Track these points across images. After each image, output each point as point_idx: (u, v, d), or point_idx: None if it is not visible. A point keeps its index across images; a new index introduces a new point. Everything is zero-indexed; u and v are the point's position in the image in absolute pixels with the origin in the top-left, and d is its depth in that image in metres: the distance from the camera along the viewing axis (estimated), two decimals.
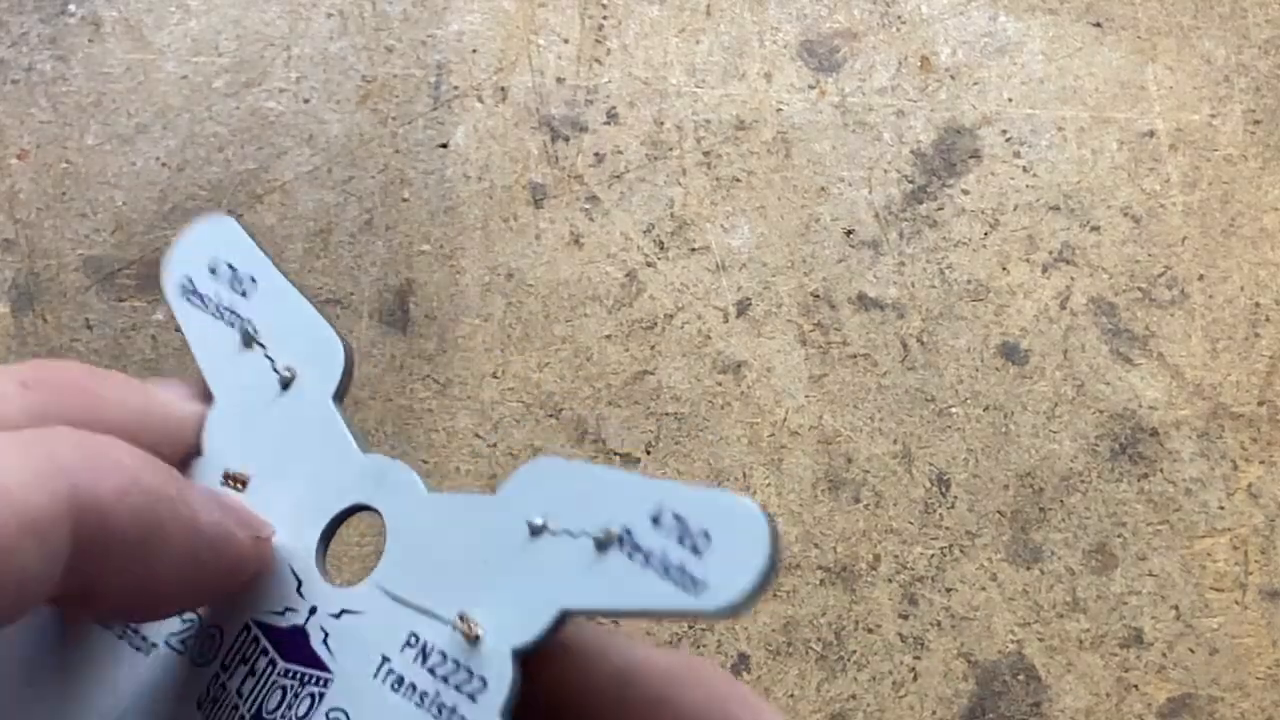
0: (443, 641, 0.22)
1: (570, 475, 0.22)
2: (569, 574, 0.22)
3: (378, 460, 0.23)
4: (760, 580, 0.21)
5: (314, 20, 0.61)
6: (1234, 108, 0.61)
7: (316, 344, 0.24)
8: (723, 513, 0.21)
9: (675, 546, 0.21)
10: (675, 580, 0.21)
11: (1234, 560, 0.56)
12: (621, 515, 0.22)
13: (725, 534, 0.21)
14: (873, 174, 0.60)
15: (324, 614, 0.23)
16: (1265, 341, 0.58)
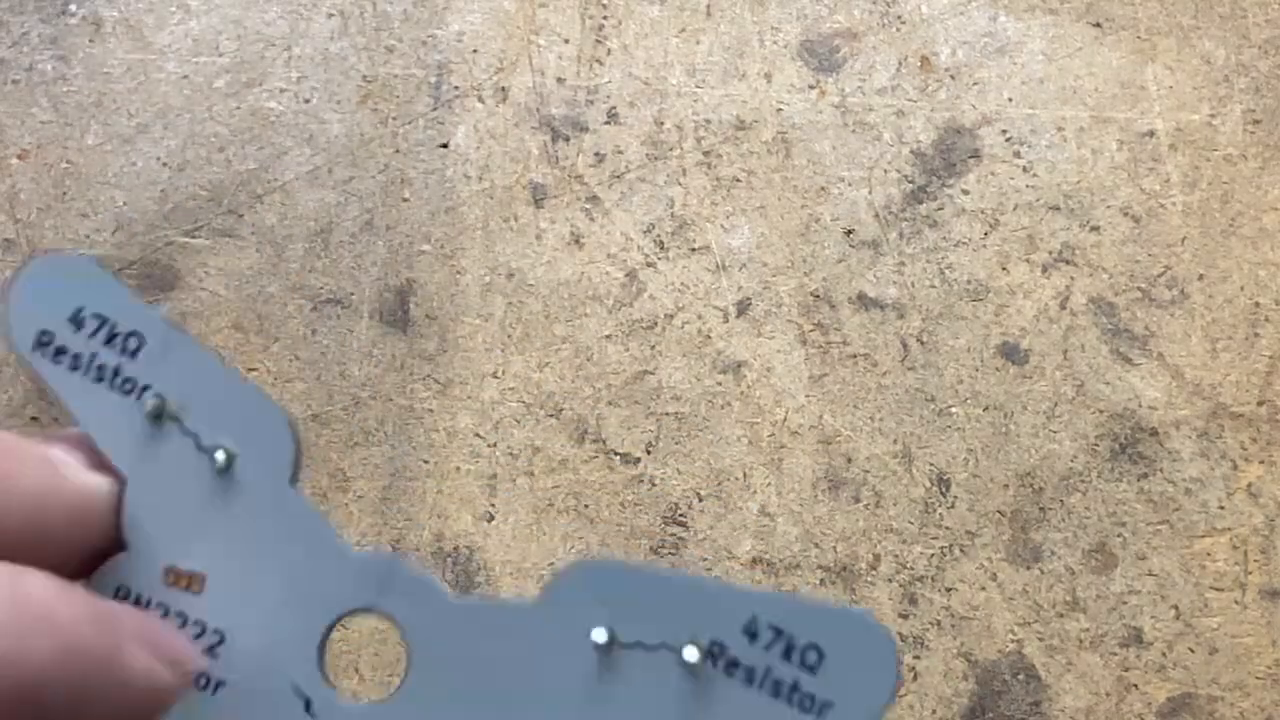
0: None
1: (628, 581, 0.20)
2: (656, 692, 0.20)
3: (378, 558, 0.21)
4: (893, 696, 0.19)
5: (314, 20, 0.61)
6: (1234, 107, 0.61)
7: (252, 418, 0.21)
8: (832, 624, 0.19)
9: (782, 664, 0.19)
10: (790, 700, 0.19)
11: (1234, 560, 0.56)
12: (705, 624, 0.20)
13: (841, 648, 0.19)
14: (873, 174, 0.60)
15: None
16: (1265, 341, 0.58)
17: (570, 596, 0.20)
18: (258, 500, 0.21)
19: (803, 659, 0.19)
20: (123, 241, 0.58)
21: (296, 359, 0.57)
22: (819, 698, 0.19)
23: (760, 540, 0.55)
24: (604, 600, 0.20)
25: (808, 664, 0.19)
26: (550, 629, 0.20)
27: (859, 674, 0.19)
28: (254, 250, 0.58)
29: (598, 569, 0.20)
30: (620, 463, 0.56)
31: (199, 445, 0.21)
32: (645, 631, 0.20)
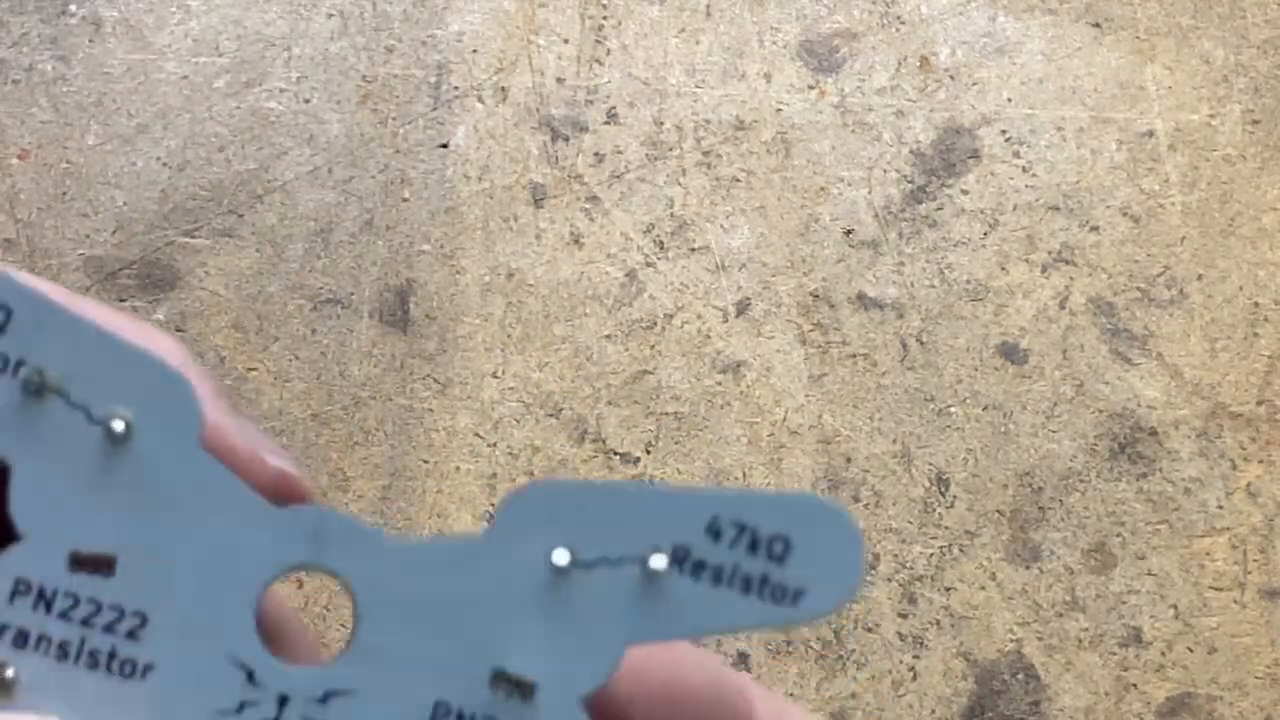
0: (484, 705, 0.19)
1: (581, 499, 0.20)
2: (625, 607, 0.19)
3: (304, 512, 0.20)
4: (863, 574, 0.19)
5: (314, 20, 0.61)
6: (1233, 108, 0.61)
7: (147, 381, 0.19)
8: (794, 513, 0.19)
9: (749, 559, 0.19)
10: (761, 594, 0.19)
11: (1233, 559, 0.56)
12: (665, 534, 0.19)
13: (806, 535, 0.19)
14: (872, 174, 0.60)
15: (302, 701, 0.19)
16: (1264, 341, 0.58)
17: (521, 522, 0.20)
18: (164, 467, 0.19)
19: (769, 551, 0.19)
20: (123, 241, 0.58)
21: (296, 359, 0.57)
22: (790, 587, 0.19)
23: None
24: (557, 521, 0.19)
25: (775, 555, 0.19)
26: (504, 558, 0.19)
27: (827, 559, 0.19)
28: (254, 250, 0.58)
29: (545, 490, 0.20)
30: (620, 462, 0.56)
31: (90, 417, 0.19)
32: (606, 547, 0.19)
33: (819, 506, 0.19)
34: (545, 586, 0.19)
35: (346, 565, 0.19)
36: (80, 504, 0.19)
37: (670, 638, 0.20)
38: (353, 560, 0.19)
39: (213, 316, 0.57)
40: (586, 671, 0.19)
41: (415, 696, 0.19)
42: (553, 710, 0.19)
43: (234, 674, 0.19)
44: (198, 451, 0.19)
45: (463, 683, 0.19)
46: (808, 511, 0.19)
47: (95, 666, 0.19)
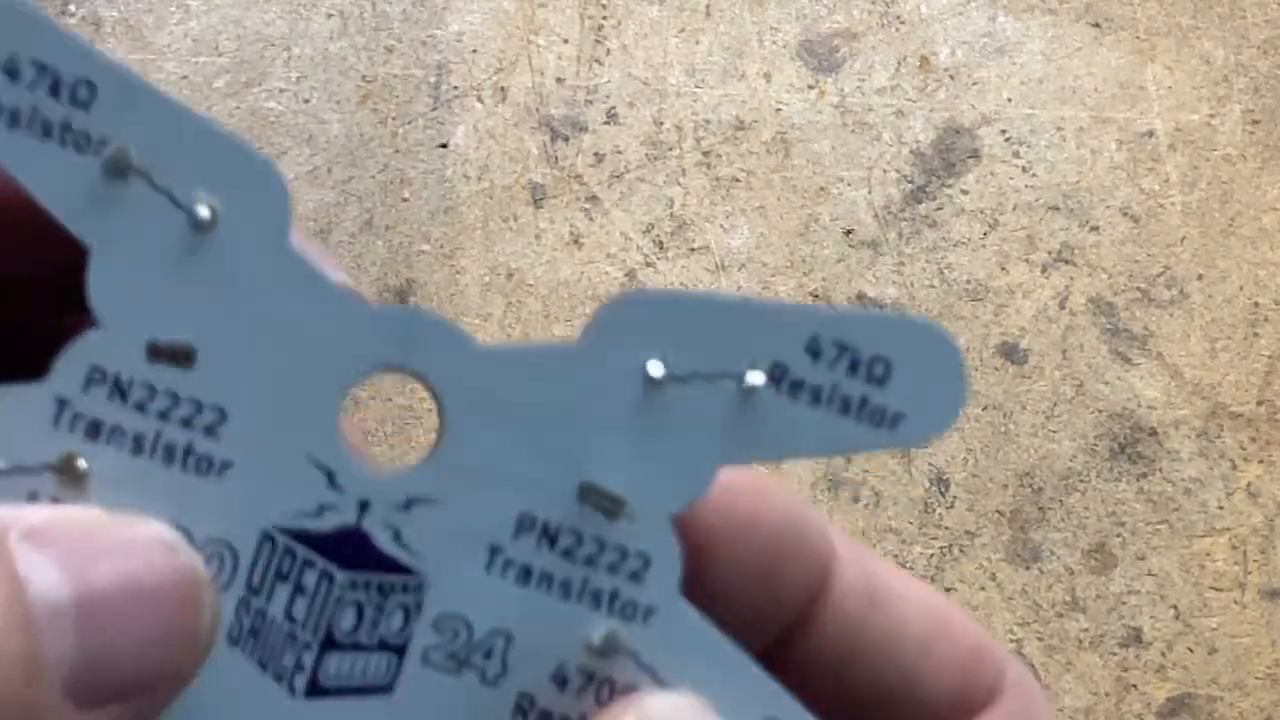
0: (570, 519, 0.18)
1: (678, 309, 0.19)
2: (719, 424, 0.18)
3: (394, 311, 0.18)
4: (965, 403, 0.18)
5: (314, 20, 0.61)
6: (1233, 108, 0.61)
7: (235, 168, 0.18)
8: (898, 334, 0.19)
9: (848, 380, 0.19)
10: (860, 417, 0.19)
11: (1233, 560, 0.56)
12: (764, 351, 0.18)
13: (909, 358, 0.18)
14: (872, 174, 0.60)
15: (383, 507, 0.18)
16: (1264, 341, 0.58)
17: (616, 331, 0.19)
18: (249, 259, 0.18)
19: (870, 373, 0.19)
20: None
21: None
22: (890, 410, 0.19)
23: None
24: (653, 332, 0.19)
25: (875, 377, 0.19)
26: (597, 367, 0.19)
27: (929, 384, 0.19)
28: None
29: (642, 300, 0.19)
30: None
31: (175, 202, 0.18)
32: (701, 361, 0.19)
33: (924, 329, 0.19)
34: (638, 399, 0.19)
35: (435, 368, 0.18)
36: (161, 292, 0.18)
37: (765, 459, 0.19)
38: (441, 363, 0.18)
39: None
40: (677, 490, 0.19)
41: (499, 507, 0.18)
42: (641, 528, 0.19)
43: (314, 475, 0.18)
44: (285, 244, 0.18)
45: (549, 495, 0.19)
46: (911, 334, 0.19)
47: (170, 462, 0.18)
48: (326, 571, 0.18)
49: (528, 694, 0.19)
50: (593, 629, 0.19)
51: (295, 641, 0.18)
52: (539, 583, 0.19)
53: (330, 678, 0.18)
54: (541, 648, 0.19)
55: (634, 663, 0.19)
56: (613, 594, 0.19)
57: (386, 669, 0.18)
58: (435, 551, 0.18)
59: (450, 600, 0.18)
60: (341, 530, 0.18)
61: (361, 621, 0.18)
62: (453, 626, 0.19)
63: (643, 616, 0.19)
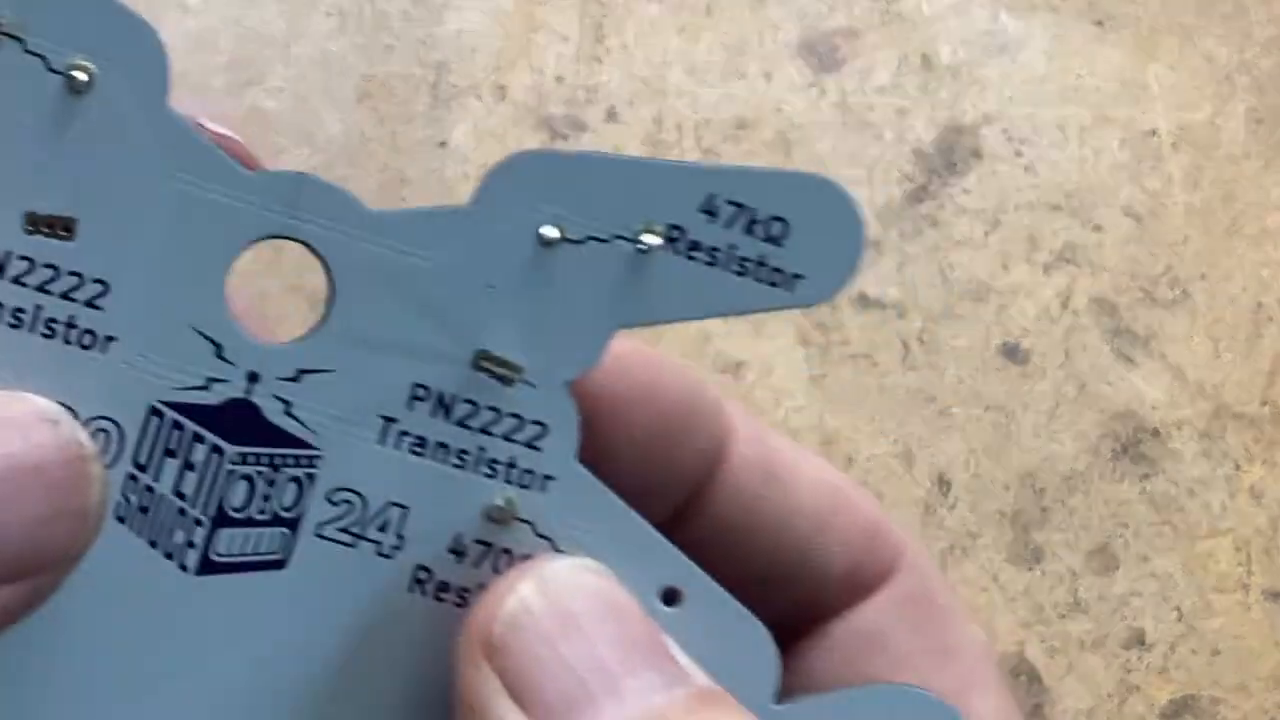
0: (465, 387, 0.18)
1: (571, 170, 0.18)
2: (615, 286, 0.18)
3: (279, 177, 0.18)
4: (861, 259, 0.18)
5: (313, 19, 0.61)
6: (1236, 107, 0.61)
7: (112, 30, 0.17)
8: (795, 192, 0.18)
9: (745, 240, 0.18)
10: (758, 276, 0.18)
11: (1236, 561, 0.56)
12: (659, 211, 0.18)
13: (807, 217, 0.18)
14: (873, 173, 0.59)
15: (272, 379, 0.18)
16: (1268, 341, 0.58)
17: (508, 193, 0.19)
18: (129, 124, 0.17)
19: (767, 232, 0.18)
20: None
21: None
22: (788, 270, 0.18)
23: None
24: (546, 194, 0.18)
25: (772, 236, 0.18)
26: (489, 230, 0.18)
27: (826, 242, 0.18)
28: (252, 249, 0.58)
29: (535, 160, 0.19)
30: None
31: (48, 66, 0.17)
32: (595, 222, 0.18)
33: (821, 185, 0.19)
34: (532, 262, 0.18)
35: (323, 234, 0.18)
36: (36, 159, 0.17)
37: (662, 320, 0.19)
38: (330, 229, 0.18)
39: None
40: (573, 355, 0.19)
41: (393, 377, 0.18)
42: (537, 394, 0.18)
43: (201, 347, 0.18)
44: (166, 109, 0.17)
45: (443, 363, 0.18)
46: (809, 191, 0.18)
47: (52, 335, 0.17)
48: (216, 446, 0.18)
49: (425, 566, 0.18)
50: (490, 498, 0.18)
51: (186, 518, 0.18)
52: (434, 453, 0.18)
53: (223, 554, 0.18)
54: (438, 519, 0.18)
55: (531, 531, 0.18)
56: (509, 462, 0.18)
57: (280, 544, 0.18)
58: (327, 423, 0.18)
59: (343, 473, 0.18)
60: (230, 403, 0.18)
61: (253, 496, 0.18)
62: (347, 499, 0.18)
63: (540, 484, 0.18)
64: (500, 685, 0.17)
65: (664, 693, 0.17)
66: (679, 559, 0.19)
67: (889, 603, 0.23)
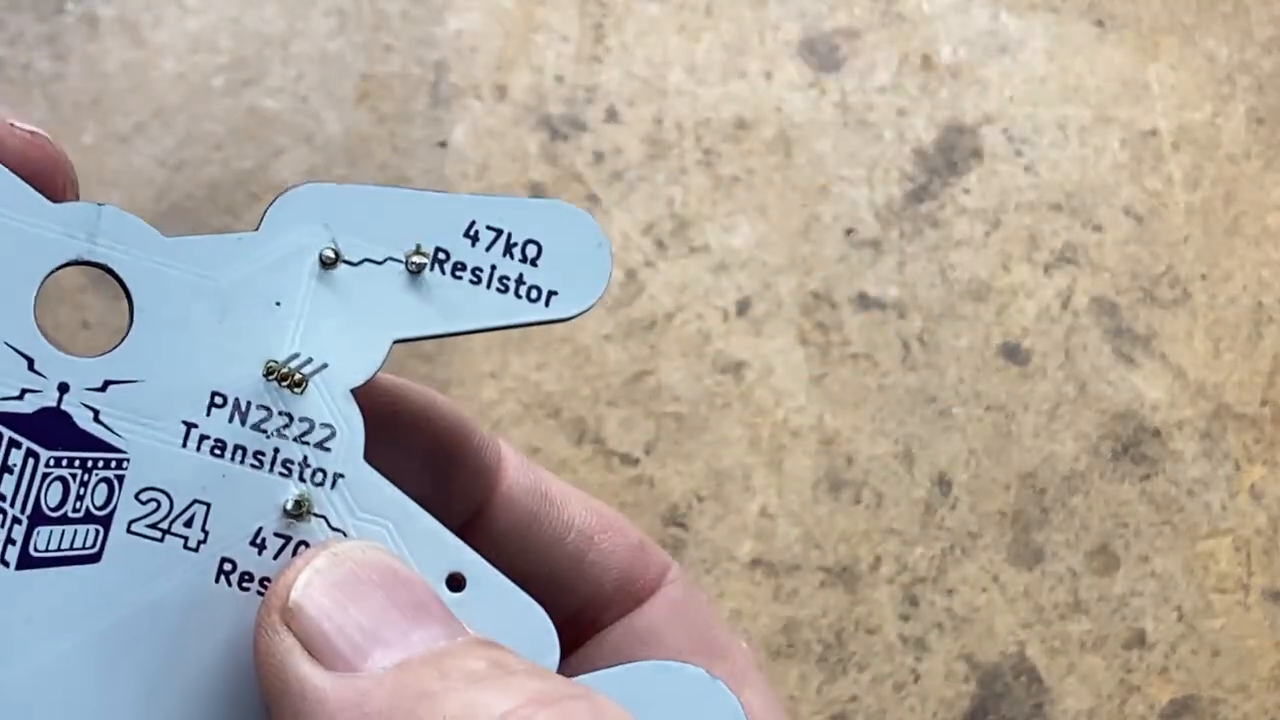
0: (259, 395, 0.20)
1: (347, 200, 0.21)
2: (389, 302, 0.21)
3: (80, 208, 0.20)
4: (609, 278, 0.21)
5: (312, 19, 0.61)
6: (1237, 107, 0.61)
7: None
8: (545, 219, 0.21)
9: (505, 261, 0.21)
10: (519, 294, 0.21)
11: (1237, 561, 0.56)
12: (427, 235, 0.21)
13: (557, 240, 0.21)
14: (874, 173, 0.59)
15: (81, 389, 0.20)
16: (1268, 341, 0.58)
17: (291, 220, 0.20)
18: None
19: (523, 254, 0.21)
20: None
21: None
22: (544, 287, 0.21)
23: (760, 541, 0.55)
24: (326, 221, 0.20)
25: (529, 258, 0.21)
26: (273, 253, 0.20)
27: (576, 262, 0.21)
28: None
29: (314, 191, 0.21)
30: (619, 463, 0.56)
31: None
32: (370, 246, 0.21)
33: (567, 213, 0.21)
34: (314, 282, 0.20)
35: (122, 259, 0.20)
36: None
37: (435, 331, 0.21)
38: (129, 254, 0.20)
39: None
40: (356, 364, 0.21)
41: (191, 385, 0.20)
42: (324, 400, 0.20)
43: (15, 361, 0.19)
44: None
45: (237, 373, 0.20)
46: (557, 218, 0.21)
47: None
48: (31, 450, 0.19)
49: (229, 558, 0.20)
50: (286, 495, 0.20)
51: (5, 517, 0.19)
52: (233, 454, 0.20)
53: (40, 549, 0.19)
54: (239, 514, 0.20)
55: (326, 524, 0.20)
56: (302, 462, 0.20)
57: (94, 539, 0.20)
58: (133, 429, 0.20)
59: (150, 474, 0.20)
60: (43, 411, 0.20)
61: (67, 496, 0.19)
62: (154, 498, 0.20)
63: (331, 482, 0.20)
64: (295, 642, 0.19)
65: (447, 640, 0.19)
66: (462, 549, 0.21)
67: (661, 608, 0.25)
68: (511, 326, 0.21)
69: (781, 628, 0.54)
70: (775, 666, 0.54)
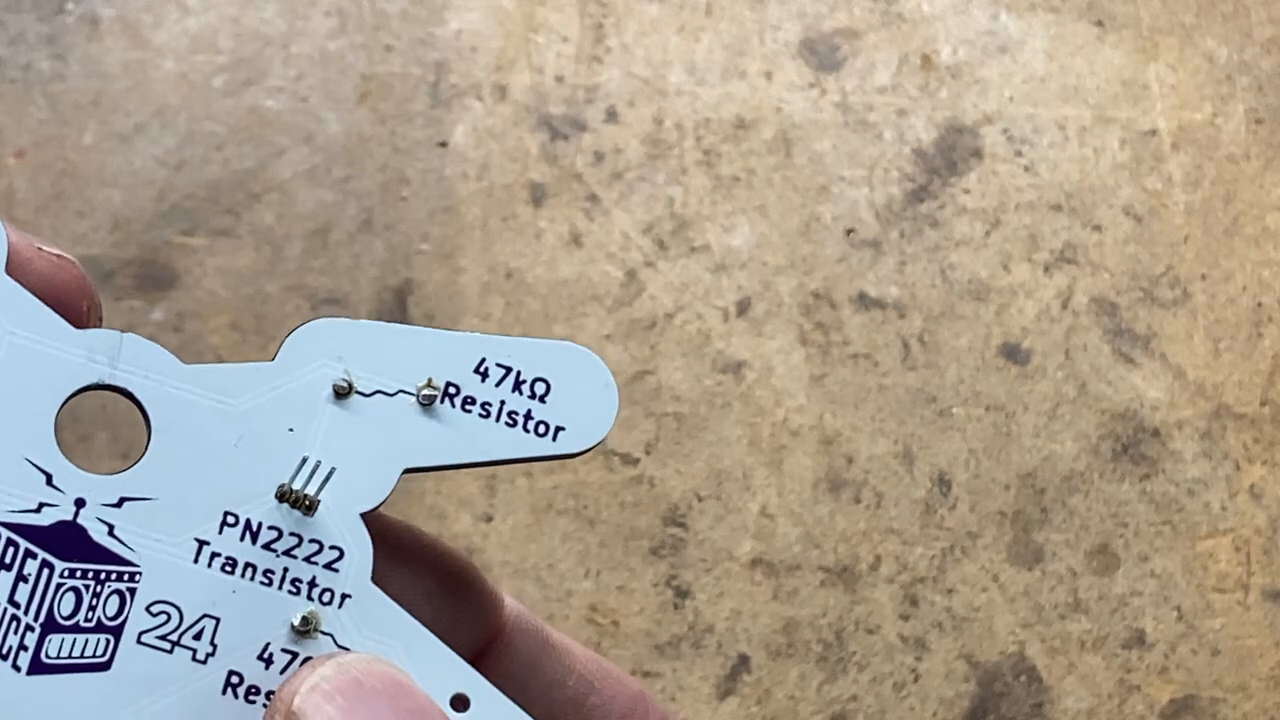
0: (270, 516, 0.21)
1: (362, 335, 0.21)
2: (401, 432, 0.21)
3: (102, 335, 0.21)
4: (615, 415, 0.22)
5: (312, 19, 0.61)
6: (1236, 107, 0.61)
7: None
8: (554, 359, 0.22)
9: (514, 396, 0.22)
10: (527, 429, 0.22)
11: (1236, 561, 0.56)
12: (438, 371, 0.21)
13: (565, 378, 0.22)
14: (874, 173, 0.59)
15: (98, 505, 0.20)
16: (1268, 341, 0.58)
17: (305, 354, 0.21)
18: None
19: (532, 391, 0.22)
20: (120, 241, 0.58)
21: None
22: (552, 423, 0.22)
23: (760, 541, 0.55)
24: (339, 353, 0.21)
25: (537, 395, 0.22)
26: (289, 382, 0.21)
27: (583, 398, 0.22)
28: (252, 249, 0.58)
29: (328, 327, 0.21)
30: (619, 463, 0.56)
31: None
32: (383, 380, 0.21)
33: (575, 353, 0.22)
34: (327, 411, 0.21)
35: (141, 384, 0.21)
36: None
37: (444, 463, 0.22)
38: (149, 379, 0.21)
39: (210, 316, 0.57)
40: (366, 491, 0.21)
41: (204, 506, 0.21)
42: (334, 524, 0.21)
43: (34, 476, 0.20)
44: (3, 277, 0.20)
45: (249, 494, 0.21)
46: (565, 357, 0.22)
47: None
48: (47, 561, 0.20)
49: (236, 671, 0.21)
50: (294, 613, 0.21)
51: (19, 624, 0.20)
52: (243, 572, 0.21)
53: (52, 656, 0.20)
54: (248, 630, 0.21)
55: (333, 641, 0.21)
56: (311, 582, 0.21)
57: (105, 648, 0.20)
58: (147, 544, 0.20)
59: (162, 587, 0.20)
60: (59, 524, 0.20)
61: (80, 606, 0.20)
62: (165, 610, 0.20)
63: (339, 602, 0.21)
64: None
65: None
66: (467, 669, 0.21)
67: None
68: (520, 460, 0.22)
69: (781, 627, 0.54)
70: (775, 666, 0.54)
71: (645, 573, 0.55)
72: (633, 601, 0.54)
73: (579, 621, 0.54)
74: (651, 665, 0.54)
